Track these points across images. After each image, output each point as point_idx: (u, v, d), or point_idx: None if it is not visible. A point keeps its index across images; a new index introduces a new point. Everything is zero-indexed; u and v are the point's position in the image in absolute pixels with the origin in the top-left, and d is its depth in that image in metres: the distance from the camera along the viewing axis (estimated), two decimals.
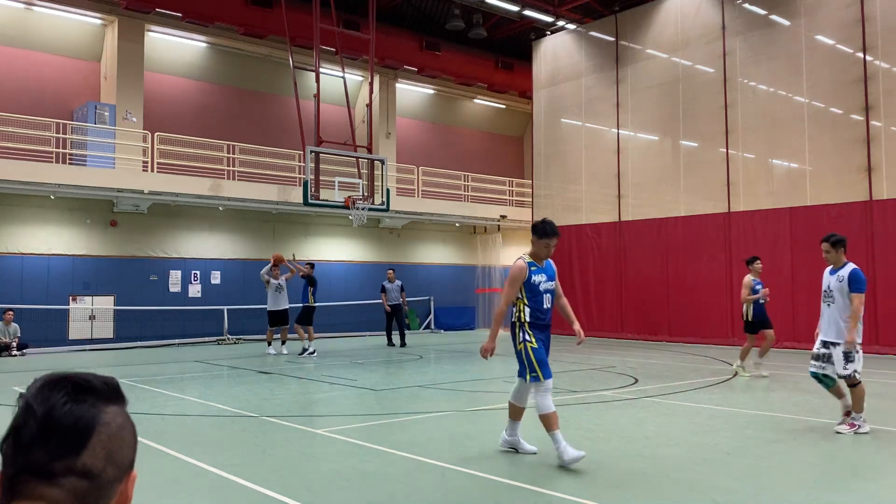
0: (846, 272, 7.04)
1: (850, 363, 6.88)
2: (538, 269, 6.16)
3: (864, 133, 15.87)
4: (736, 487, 5.07)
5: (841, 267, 7.15)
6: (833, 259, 7.19)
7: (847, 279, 6.97)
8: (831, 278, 7.17)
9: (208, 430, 7.59)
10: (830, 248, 7.17)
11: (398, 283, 18.52)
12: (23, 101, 18.65)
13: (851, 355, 6.90)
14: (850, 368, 6.87)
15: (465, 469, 5.60)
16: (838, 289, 7.03)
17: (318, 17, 18.64)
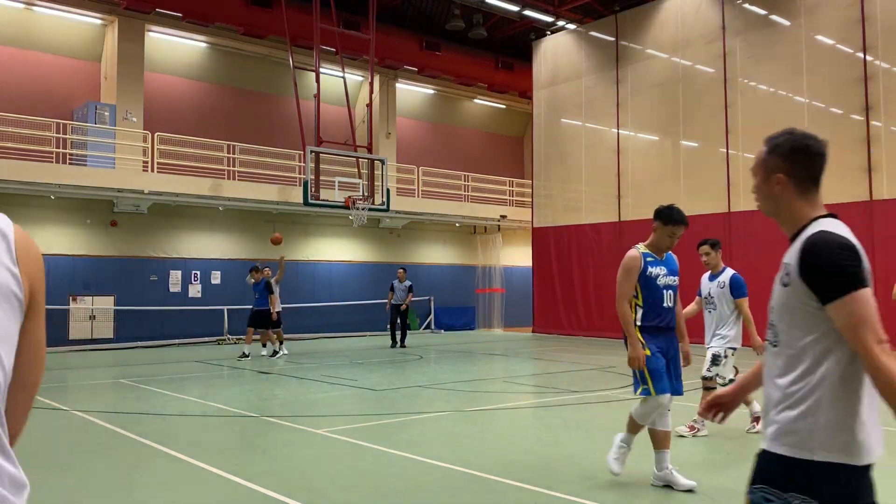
0: (727, 278, 6.88)
1: (715, 366, 6.81)
2: (656, 260, 5.32)
3: (865, 133, 15.87)
4: (737, 488, 5.06)
5: (720, 272, 6.98)
6: (713, 263, 6.96)
7: (729, 285, 6.82)
8: (711, 284, 7.01)
9: (208, 431, 7.59)
10: (711, 251, 6.93)
11: (407, 284, 18.18)
12: (23, 102, 18.65)
13: (719, 359, 6.83)
14: (712, 371, 6.79)
15: (465, 469, 5.60)
16: (719, 295, 6.88)
17: (318, 17, 18.65)
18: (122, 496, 5.01)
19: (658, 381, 5.09)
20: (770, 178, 2.32)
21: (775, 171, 2.32)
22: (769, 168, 2.33)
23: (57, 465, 5.95)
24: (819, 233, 2.20)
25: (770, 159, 2.33)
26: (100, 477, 5.55)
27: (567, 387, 10.38)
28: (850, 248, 2.17)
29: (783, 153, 2.36)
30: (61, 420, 8.04)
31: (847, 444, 2.06)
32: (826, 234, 2.18)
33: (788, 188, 2.33)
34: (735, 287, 6.80)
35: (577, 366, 13.44)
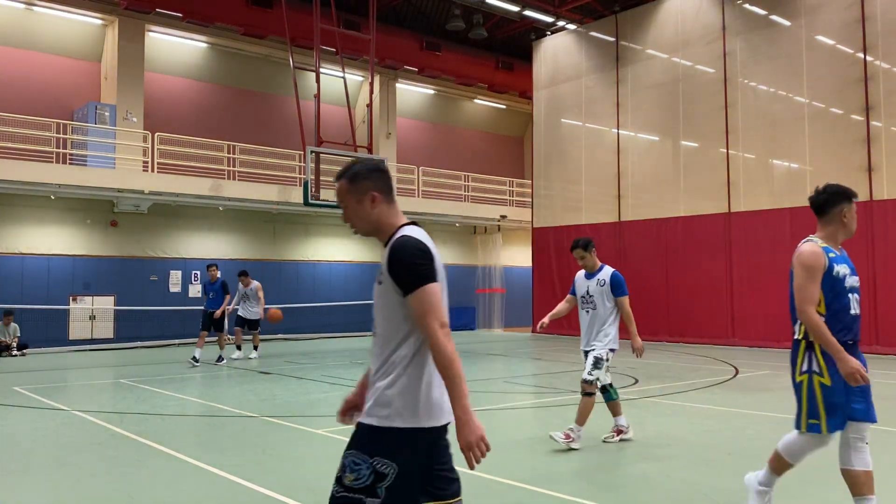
0: (607, 276, 6.61)
1: (597, 370, 6.45)
2: (838, 256, 4.32)
3: (865, 133, 15.87)
4: (737, 488, 5.07)
5: (598, 270, 6.72)
6: (590, 263, 6.73)
7: (610, 283, 6.55)
8: (589, 283, 6.74)
9: (208, 431, 7.59)
10: (585, 253, 6.69)
11: None
12: (23, 102, 18.66)
13: (600, 362, 6.48)
14: (594, 374, 6.45)
15: (464, 469, 5.59)
16: (599, 293, 6.61)
17: (318, 17, 18.64)
18: (121, 496, 5.01)
19: (832, 417, 4.25)
20: (364, 199, 2.66)
21: (369, 191, 2.67)
22: (361, 191, 2.67)
23: (57, 464, 5.95)
24: (401, 237, 2.60)
25: (358, 185, 2.67)
26: (100, 477, 5.54)
27: (567, 387, 10.38)
28: (423, 250, 2.59)
29: (368, 176, 2.69)
30: (61, 420, 8.04)
31: (418, 411, 2.49)
32: (407, 239, 2.58)
33: (382, 203, 2.70)
34: (616, 285, 6.51)
35: (577, 366, 13.41)
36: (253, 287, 15.28)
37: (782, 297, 18.22)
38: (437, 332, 2.47)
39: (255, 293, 15.23)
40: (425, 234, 2.68)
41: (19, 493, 5.16)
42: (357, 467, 2.45)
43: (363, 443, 2.49)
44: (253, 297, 15.24)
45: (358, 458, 2.46)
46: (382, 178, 2.74)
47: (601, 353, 6.49)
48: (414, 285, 2.49)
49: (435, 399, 2.54)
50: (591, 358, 6.51)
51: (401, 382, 2.50)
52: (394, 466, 2.45)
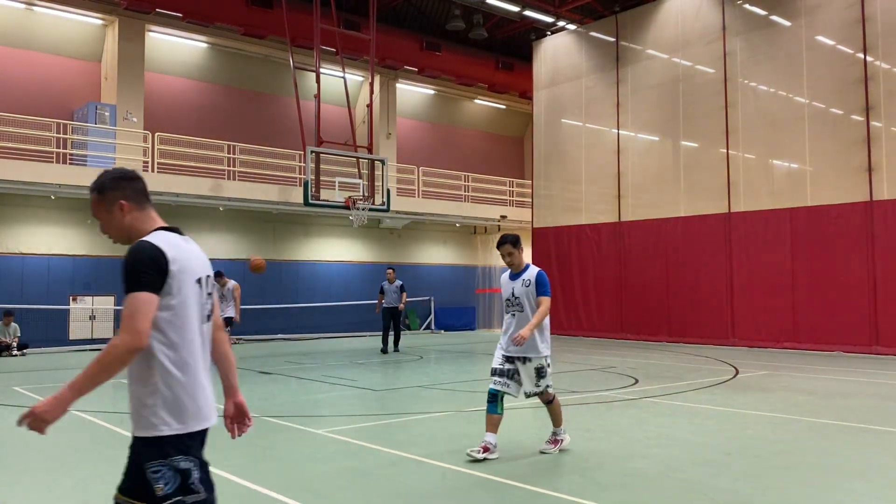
0: (532, 275, 6.19)
1: (542, 378, 6.14)
2: None
3: (865, 133, 15.87)
4: (736, 488, 5.07)
5: (523, 270, 6.27)
6: (517, 261, 6.29)
7: (535, 282, 6.15)
8: (514, 283, 6.25)
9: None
10: (514, 250, 6.26)
11: (398, 284, 16.60)
12: (23, 102, 18.66)
13: (544, 370, 6.13)
14: (541, 385, 6.14)
15: (465, 469, 5.60)
16: (525, 294, 6.16)
17: (318, 17, 18.66)
18: None
19: None
20: (113, 209, 2.67)
21: (117, 201, 2.67)
22: (110, 201, 2.68)
23: (57, 464, 5.95)
24: (139, 242, 2.57)
25: (106, 196, 2.68)
26: (100, 477, 5.55)
27: (567, 387, 10.38)
28: (153, 257, 2.51)
29: (115, 185, 2.71)
30: (62, 419, 8.03)
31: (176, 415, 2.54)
32: (142, 244, 2.55)
33: (133, 210, 2.69)
34: (541, 283, 6.14)
35: (577, 366, 13.44)
36: (230, 287, 14.59)
37: (782, 297, 18.23)
38: (121, 337, 2.40)
39: (231, 293, 14.53)
40: (177, 241, 2.63)
41: (19, 493, 5.16)
42: (157, 475, 2.49)
43: (142, 454, 2.53)
44: (230, 297, 14.54)
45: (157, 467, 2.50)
46: (131, 185, 2.75)
47: (540, 362, 6.12)
48: (127, 289, 2.46)
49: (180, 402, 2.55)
50: (532, 370, 6.11)
51: (150, 388, 2.53)
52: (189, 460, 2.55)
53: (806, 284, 16.61)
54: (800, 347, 16.50)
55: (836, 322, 16.01)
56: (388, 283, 16.64)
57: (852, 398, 9.28)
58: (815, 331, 16.35)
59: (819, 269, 16.43)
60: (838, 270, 16.09)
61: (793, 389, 10.14)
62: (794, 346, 16.59)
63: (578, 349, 17.38)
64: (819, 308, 16.35)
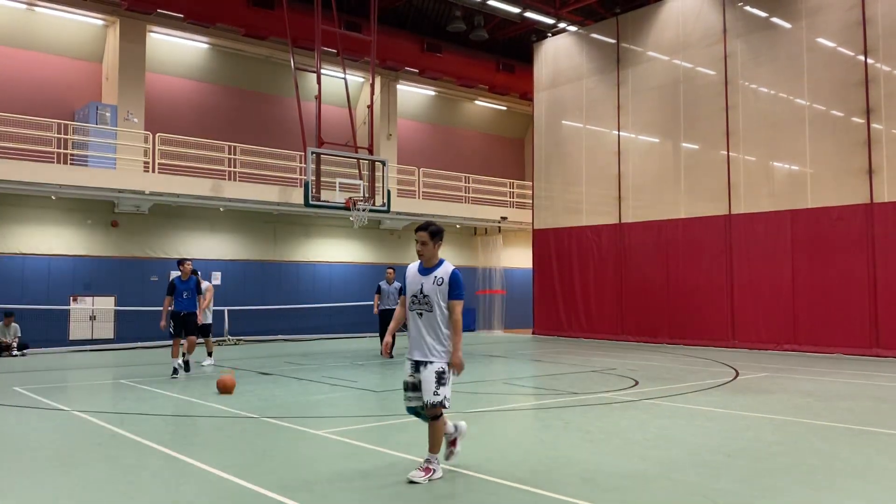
0: (446, 273, 5.46)
1: (443, 387, 5.35)
2: None
3: (866, 136, 15.87)
4: (737, 490, 5.07)
5: (437, 265, 5.54)
6: (429, 254, 5.55)
7: (449, 282, 5.42)
8: (424, 280, 5.51)
9: (208, 431, 7.59)
10: (429, 240, 5.52)
11: (396, 285, 15.76)
12: (24, 102, 18.68)
13: (445, 377, 5.39)
14: (441, 394, 5.33)
15: (465, 471, 5.60)
16: (435, 293, 5.44)
17: (319, 18, 18.67)
18: (121, 496, 5.01)
19: None
20: None
21: None
22: None
23: (57, 464, 5.95)
24: None
25: None
26: (100, 477, 5.55)
27: (567, 388, 10.38)
28: None
29: None
30: (61, 420, 8.05)
31: None
32: None
33: None
34: (454, 285, 5.43)
35: (577, 368, 13.44)
36: (202, 288, 13.52)
37: (783, 299, 18.26)
38: None
39: (203, 295, 13.51)
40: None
41: (19, 493, 5.16)
42: None
43: None
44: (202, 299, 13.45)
45: None
46: None
47: (442, 365, 5.39)
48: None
49: None
50: (432, 374, 5.34)
51: None
52: None
53: (806, 286, 16.61)
54: (800, 349, 16.50)
55: (837, 324, 16.01)
56: (386, 284, 16.02)
57: (852, 400, 9.28)
58: (816, 333, 16.35)
59: (819, 271, 16.43)
60: (838, 272, 16.09)
61: (793, 391, 10.14)
62: (795, 348, 16.59)
63: (578, 350, 17.37)
64: (819, 310, 16.34)
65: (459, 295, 5.45)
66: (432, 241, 5.55)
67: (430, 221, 5.66)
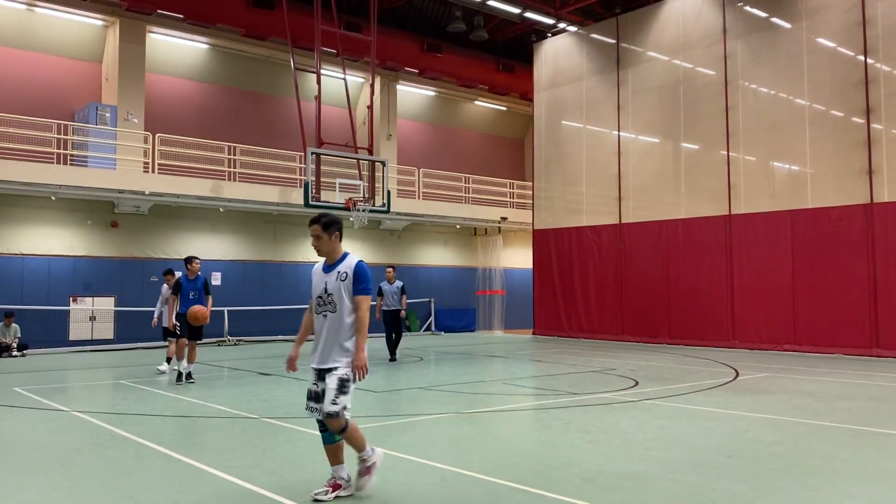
0: (350, 267, 4.97)
1: (343, 395, 4.84)
2: None
3: (866, 136, 15.87)
4: (737, 490, 5.07)
5: (339, 260, 5.04)
6: (326, 249, 5.05)
7: (353, 276, 4.94)
8: (328, 277, 5.01)
9: (208, 432, 7.59)
10: (322, 233, 5.02)
11: (398, 285, 15.00)
12: (24, 102, 18.68)
13: (348, 385, 4.87)
14: (340, 403, 4.82)
15: (465, 471, 5.60)
16: (339, 291, 4.94)
17: (319, 18, 18.68)
18: (121, 496, 5.00)
19: None
20: None
21: None
22: None
23: (57, 465, 5.95)
24: None
25: None
26: (100, 478, 5.54)
27: (567, 389, 10.37)
28: None
29: None
30: (61, 420, 8.04)
31: None
32: None
33: None
34: (359, 278, 4.94)
35: (577, 368, 13.43)
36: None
37: (783, 299, 18.27)
38: None
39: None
40: None
41: (19, 493, 5.15)
42: None
43: None
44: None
45: None
46: None
47: (346, 372, 4.87)
48: None
49: None
50: (334, 380, 4.82)
51: None
52: None
53: (806, 287, 16.60)
54: (800, 350, 16.50)
55: (837, 324, 16.01)
56: (387, 284, 15.10)
57: (852, 400, 9.27)
58: (816, 333, 16.34)
59: (819, 271, 16.43)
60: (838, 273, 16.09)
61: (793, 392, 10.13)
62: (795, 349, 16.59)
63: (579, 351, 17.37)
64: (819, 310, 16.34)
65: (365, 290, 4.95)
66: (326, 233, 5.04)
67: (323, 213, 5.12)
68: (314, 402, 4.95)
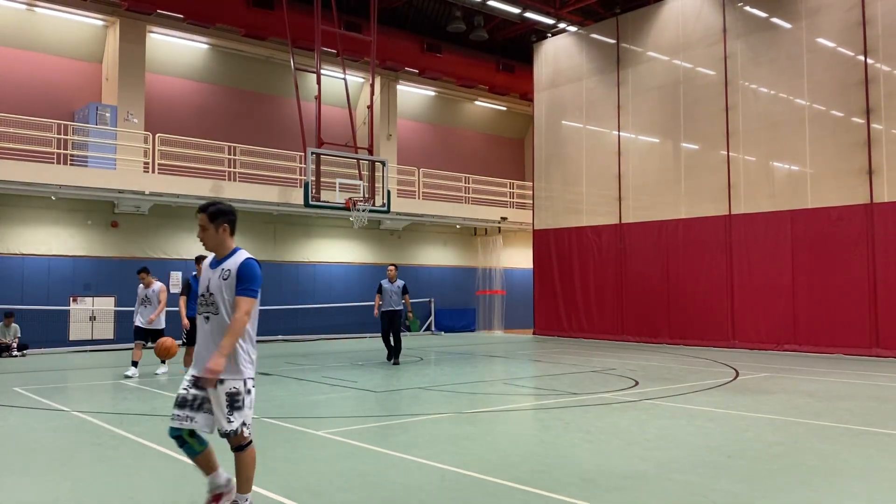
0: (235, 264, 4.39)
1: (237, 411, 4.24)
2: None
3: (865, 136, 15.87)
4: (737, 490, 5.07)
5: (227, 257, 4.47)
6: (213, 242, 4.50)
7: (236, 274, 4.35)
8: (213, 274, 4.45)
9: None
10: (208, 223, 4.46)
11: (399, 284, 14.31)
12: (24, 102, 18.68)
13: (239, 398, 4.25)
14: (236, 420, 4.23)
15: (464, 471, 5.60)
16: (221, 290, 4.36)
17: (319, 18, 18.68)
18: (121, 496, 5.00)
19: None
20: None
21: None
22: None
23: (57, 465, 5.95)
24: None
25: None
26: (100, 477, 5.54)
27: (567, 389, 10.37)
28: None
29: None
30: (61, 420, 8.04)
31: None
32: None
33: None
34: (244, 276, 4.33)
35: (577, 368, 13.43)
36: (155, 289, 12.50)
37: (783, 299, 18.26)
38: None
39: (156, 296, 12.48)
40: None
41: (19, 493, 5.15)
42: None
43: None
44: (155, 300, 12.48)
45: None
46: None
47: (236, 386, 4.26)
48: None
49: None
50: (223, 395, 4.22)
51: None
52: None
53: (806, 287, 16.61)
54: (800, 350, 16.50)
55: (837, 324, 16.01)
56: (388, 283, 14.37)
57: (852, 400, 9.27)
58: (816, 333, 16.34)
59: (819, 271, 16.43)
60: (838, 273, 16.09)
61: (793, 391, 10.13)
62: (795, 349, 16.59)
63: (579, 351, 17.37)
64: (819, 310, 16.34)
65: (247, 290, 4.29)
66: (213, 224, 4.46)
67: (213, 201, 4.54)
68: (180, 408, 4.27)
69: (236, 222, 4.60)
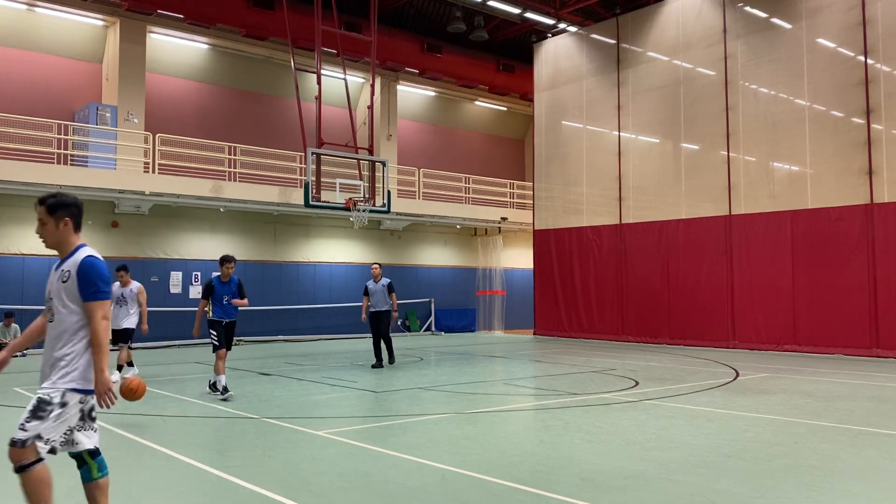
0: (74, 264, 3.84)
1: (37, 420, 3.71)
2: None
3: (866, 136, 15.87)
4: (737, 490, 5.07)
5: (69, 255, 3.91)
6: (52, 239, 3.91)
7: (76, 276, 3.81)
8: (53, 275, 3.95)
9: (208, 432, 7.59)
10: (47, 217, 3.87)
11: (384, 282, 13.93)
12: (24, 102, 18.68)
13: (46, 408, 3.72)
14: (31, 430, 3.70)
15: (464, 471, 5.60)
16: (60, 293, 3.85)
17: (319, 18, 18.67)
18: (121, 496, 5.01)
19: None
20: None
21: None
22: None
23: (56, 465, 5.94)
24: None
25: None
26: None
27: (567, 389, 10.38)
28: None
29: None
30: None
31: None
32: None
33: None
34: (85, 279, 3.81)
35: (577, 368, 13.43)
36: (133, 289, 11.91)
37: (783, 300, 18.25)
38: None
39: (134, 297, 11.91)
40: None
41: (19, 493, 5.15)
42: None
43: None
44: (132, 301, 11.90)
45: None
46: None
47: (51, 393, 3.73)
48: None
49: None
50: (32, 401, 3.77)
51: None
52: None
53: (806, 287, 16.61)
54: (800, 350, 16.50)
55: (837, 324, 16.01)
56: (373, 283, 14.03)
57: (852, 400, 9.27)
58: (816, 333, 16.35)
59: (819, 271, 16.43)
60: (839, 273, 16.09)
61: (793, 392, 10.13)
62: (795, 349, 16.59)
63: (579, 351, 17.37)
64: (819, 310, 16.35)
65: (94, 294, 3.80)
66: (52, 218, 3.87)
67: (53, 193, 3.95)
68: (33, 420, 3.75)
69: (81, 216, 3.99)
